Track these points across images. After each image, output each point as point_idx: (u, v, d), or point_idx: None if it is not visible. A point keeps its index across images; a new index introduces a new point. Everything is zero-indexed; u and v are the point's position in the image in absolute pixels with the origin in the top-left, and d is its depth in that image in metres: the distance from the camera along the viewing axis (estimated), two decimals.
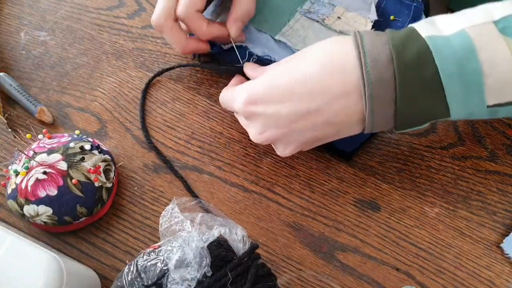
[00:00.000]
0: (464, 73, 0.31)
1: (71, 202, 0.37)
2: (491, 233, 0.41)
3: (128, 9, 0.54)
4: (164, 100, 0.48)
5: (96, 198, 0.39)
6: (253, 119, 0.37)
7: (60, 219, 0.37)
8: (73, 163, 0.38)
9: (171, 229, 0.34)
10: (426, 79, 0.31)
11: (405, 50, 0.32)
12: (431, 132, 0.46)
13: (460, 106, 0.33)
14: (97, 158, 0.39)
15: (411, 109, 0.33)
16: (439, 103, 0.32)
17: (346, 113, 0.34)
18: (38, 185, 0.37)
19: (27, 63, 0.50)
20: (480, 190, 0.43)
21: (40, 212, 0.37)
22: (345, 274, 0.39)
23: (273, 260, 0.40)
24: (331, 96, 0.34)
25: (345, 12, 0.48)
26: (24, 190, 0.37)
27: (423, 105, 0.33)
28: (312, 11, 0.48)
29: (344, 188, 0.43)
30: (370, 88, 0.32)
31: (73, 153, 0.39)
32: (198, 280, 0.31)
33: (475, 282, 0.39)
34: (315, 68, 0.34)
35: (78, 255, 0.40)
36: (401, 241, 0.41)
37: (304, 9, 0.48)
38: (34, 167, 0.37)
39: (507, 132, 0.46)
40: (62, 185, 0.37)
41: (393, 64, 0.31)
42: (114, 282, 0.34)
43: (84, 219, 0.39)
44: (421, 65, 0.31)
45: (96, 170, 0.39)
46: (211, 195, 0.43)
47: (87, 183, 0.38)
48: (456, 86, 0.31)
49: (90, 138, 0.42)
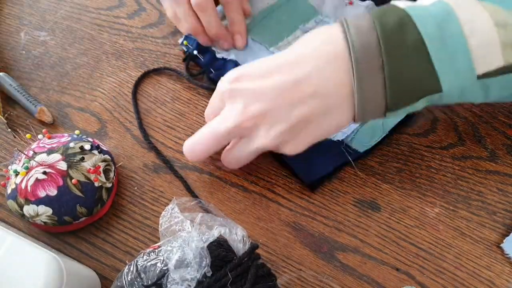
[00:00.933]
0: (446, 36, 0.31)
1: (71, 202, 0.37)
2: (491, 233, 0.41)
3: (128, 9, 0.54)
4: (164, 100, 0.48)
5: (96, 198, 0.38)
6: (236, 97, 0.35)
7: (60, 219, 0.37)
8: (73, 163, 0.38)
9: (171, 229, 0.34)
10: (410, 43, 0.31)
11: (386, 18, 0.32)
12: (431, 132, 0.46)
13: (449, 75, 0.32)
14: (97, 158, 0.39)
15: (399, 77, 0.32)
16: (427, 70, 0.32)
17: (334, 83, 0.33)
18: (38, 185, 0.37)
19: (27, 63, 0.50)
20: (480, 190, 0.43)
21: (40, 212, 0.37)
22: (345, 274, 0.39)
23: (273, 260, 0.40)
24: (319, 62, 0.33)
25: None
26: (24, 190, 0.37)
27: (411, 73, 0.32)
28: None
29: (344, 188, 0.43)
30: (355, 52, 0.32)
31: (73, 153, 0.38)
32: (198, 280, 0.31)
33: (475, 282, 0.39)
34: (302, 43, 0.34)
35: (78, 255, 0.40)
36: (401, 241, 0.41)
37: (307, 27, 0.48)
38: (34, 167, 0.37)
39: (507, 132, 0.46)
40: (62, 185, 0.37)
41: (376, 30, 0.31)
42: (114, 282, 0.34)
43: (84, 219, 0.39)
44: (403, 30, 0.31)
45: (96, 170, 0.39)
46: (211, 195, 0.43)
47: (87, 183, 0.38)
48: (441, 50, 0.31)
49: (90, 138, 0.42)
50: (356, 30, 0.32)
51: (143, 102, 0.48)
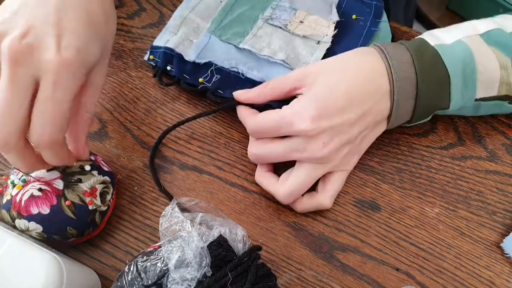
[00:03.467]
0: (465, 71, 0.39)
1: (62, 223, 0.37)
2: (491, 233, 0.41)
3: (128, 9, 0.54)
4: (164, 100, 0.48)
5: (88, 222, 0.38)
6: (318, 135, 0.38)
7: (49, 237, 0.37)
8: (69, 183, 0.37)
9: (171, 229, 0.34)
10: (439, 77, 0.39)
11: (421, 54, 0.39)
12: (431, 132, 0.46)
13: (458, 99, 0.40)
14: (95, 180, 0.39)
15: (426, 102, 0.40)
16: (445, 96, 0.40)
17: (383, 109, 0.40)
18: (32, 201, 0.36)
19: None
20: (480, 190, 0.43)
21: (31, 228, 0.37)
22: (345, 274, 0.39)
23: (273, 260, 0.40)
24: (376, 97, 0.39)
25: (307, 15, 0.48)
26: (18, 204, 0.37)
27: (434, 100, 0.40)
28: (274, 17, 0.48)
29: (344, 188, 0.43)
30: (398, 83, 0.39)
31: (71, 172, 0.38)
32: (198, 280, 0.31)
33: (475, 282, 0.39)
34: (360, 77, 0.39)
35: (78, 255, 0.40)
36: (401, 241, 0.41)
37: (266, 15, 0.48)
38: (31, 182, 0.37)
39: (507, 132, 0.46)
40: (55, 204, 0.36)
41: (414, 65, 0.39)
42: (114, 282, 0.34)
43: (74, 239, 0.38)
44: (435, 66, 0.39)
45: (92, 192, 0.38)
46: (211, 195, 0.43)
47: (80, 206, 0.37)
48: (459, 82, 0.40)
49: (92, 157, 0.41)
50: (398, 65, 0.39)
51: (143, 102, 0.48)
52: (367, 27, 0.47)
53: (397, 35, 0.51)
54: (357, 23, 0.47)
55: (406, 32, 0.51)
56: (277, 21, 0.48)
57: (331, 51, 0.45)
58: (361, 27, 0.47)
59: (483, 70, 0.39)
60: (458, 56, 0.39)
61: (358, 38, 0.46)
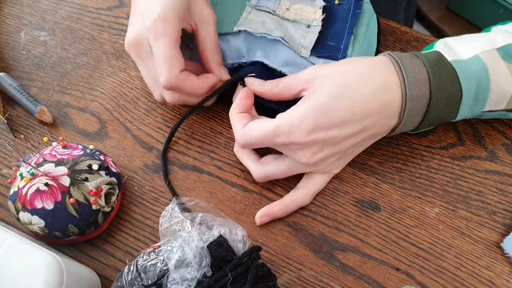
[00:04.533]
0: (479, 89, 0.39)
1: (64, 220, 0.37)
2: (491, 233, 0.41)
3: (128, 9, 0.54)
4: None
5: (90, 221, 0.38)
6: (310, 145, 0.37)
7: (50, 232, 0.37)
8: (76, 181, 0.38)
9: (171, 229, 0.34)
10: (452, 94, 0.38)
11: (438, 71, 0.38)
12: (431, 132, 0.46)
13: (466, 113, 0.40)
14: (102, 180, 0.39)
15: (435, 116, 0.39)
16: (454, 111, 0.40)
17: (387, 124, 0.39)
18: (37, 195, 0.37)
19: (27, 63, 0.50)
20: (480, 190, 0.43)
21: (34, 222, 0.37)
22: (345, 274, 0.39)
23: (273, 260, 0.40)
24: (382, 115, 0.38)
25: (291, 4, 0.48)
26: (24, 196, 0.37)
27: (443, 114, 0.40)
28: (260, 5, 0.48)
29: (344, 188, 0.43)
30: (411, 102, 0.38)
31: (79, 170, 0.38)
32: (198, 280, 0.31)
33: (475, 282, 0.39)
34: (368, 89, 0.37)
35: (78, 255, 0.40)
36: (401, 241, 0.41)
37: (252, 3, 0.48)
38: (39, 176, 0.37)
39: (507, 132, 0.46)
40: (60, 201, 0.37)
41: (430, 83, 0.37)
42: (114, 282, 0.34)
43: (75, 237, 0.39)
44: (451, 83, 0.38)
45: (97, 192, 0.38)
46: (211, 195, 0.43)
47: (84, 204, 0.37)
48: (470, 99, 0.39)
49: (102, 157, 0.41)
50: (414, 82, 0.37)
51: (143, 102, 0.48)
52: (351, 11, 0.47)
53: (397, 35, 0.51)
54: (341, 8, 0.47)
55: (406, 32, 0.51)
56: (264, 8, 0.48)
57: (323, 35, 0.45)
58: (346, 11, 0.47)
59: (496, 88, 0.39)
60: (475, 75, 0.38)
61: (345, 21, 0.46)
